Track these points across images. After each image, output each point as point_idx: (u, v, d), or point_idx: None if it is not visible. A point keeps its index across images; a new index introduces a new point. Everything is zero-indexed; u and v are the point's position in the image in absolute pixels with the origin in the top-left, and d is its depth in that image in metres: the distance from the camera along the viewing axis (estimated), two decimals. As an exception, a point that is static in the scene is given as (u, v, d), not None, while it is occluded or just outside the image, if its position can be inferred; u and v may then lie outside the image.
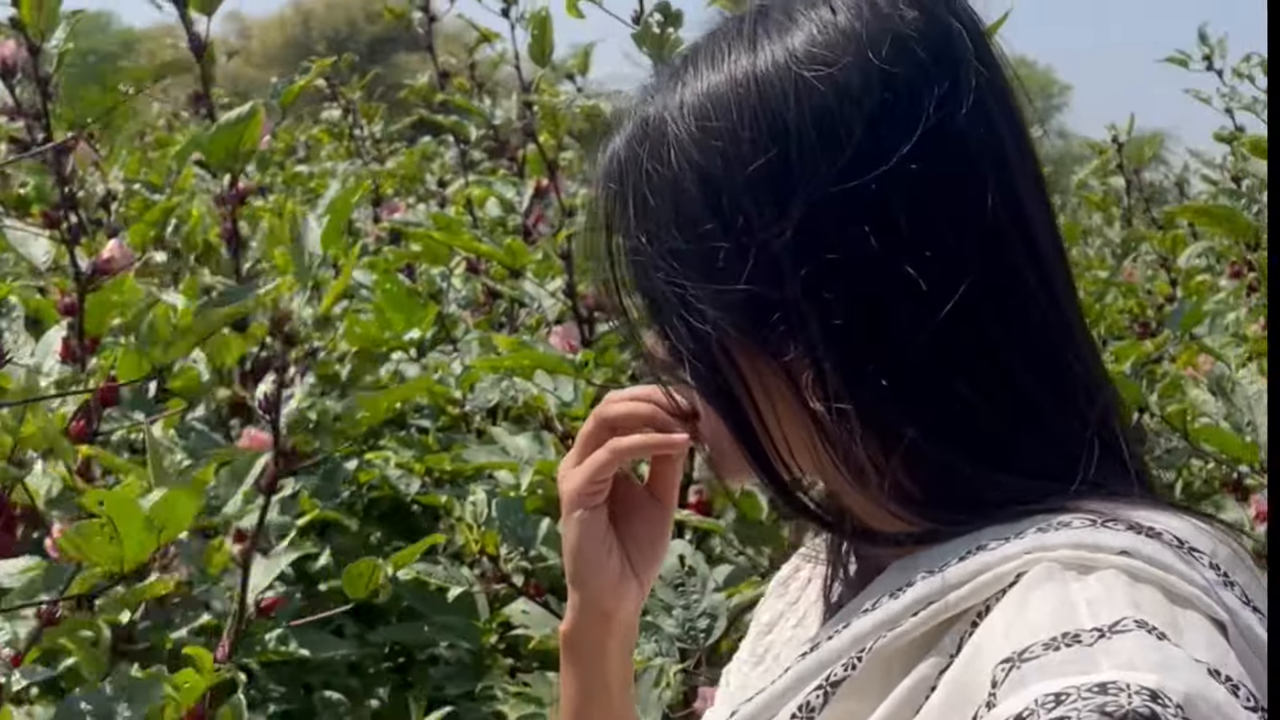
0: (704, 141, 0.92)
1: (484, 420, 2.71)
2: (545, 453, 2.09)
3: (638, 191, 0.95)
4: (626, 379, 2.36)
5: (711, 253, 0.91)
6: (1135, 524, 0.86)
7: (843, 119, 0.89)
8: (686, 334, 0.94)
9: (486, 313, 2.94)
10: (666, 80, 0.97)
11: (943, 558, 0.89)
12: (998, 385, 0.91)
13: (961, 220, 0.90)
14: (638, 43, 2.06)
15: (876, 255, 0.88)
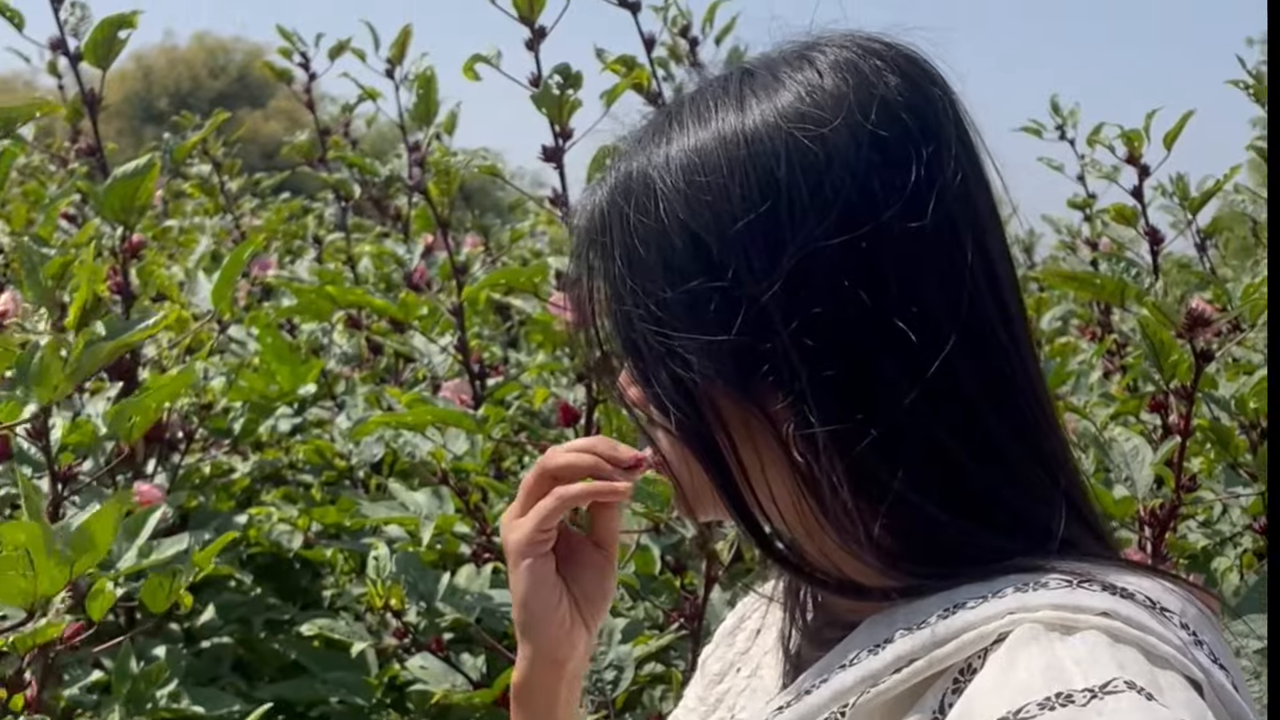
0: (693, 196, 0.95)
1: (369, 475, 2.72)
2: (444, 507, 2.11)
3: (623, 242, 0.98)
4: (527, 436, 2.39)
5: (698, 303, 0.94)
6: (1110, 585, 0.89)
7: (833, 177, 0.93)
8: (670, 383, 0.96)
9: (370, 368, 2.95)
10: (650, 135, 1.00)
11: (921, 614, 0.91)
12: (978, 441, 0.95)
13: (945, 279, 0.94)
14: (537, 105, 2.09)
15: (866, 310, 0.92)
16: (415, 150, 2.75)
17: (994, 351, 0.96)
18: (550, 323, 2.31)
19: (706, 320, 0.94)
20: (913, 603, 0.93)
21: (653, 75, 2.55)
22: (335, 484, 2.77)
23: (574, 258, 1.04)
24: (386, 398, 2.62)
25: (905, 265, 0.93)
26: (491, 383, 2.55)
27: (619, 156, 1.02)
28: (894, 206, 0.92)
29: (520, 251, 3.92)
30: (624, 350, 1.00)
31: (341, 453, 2.64)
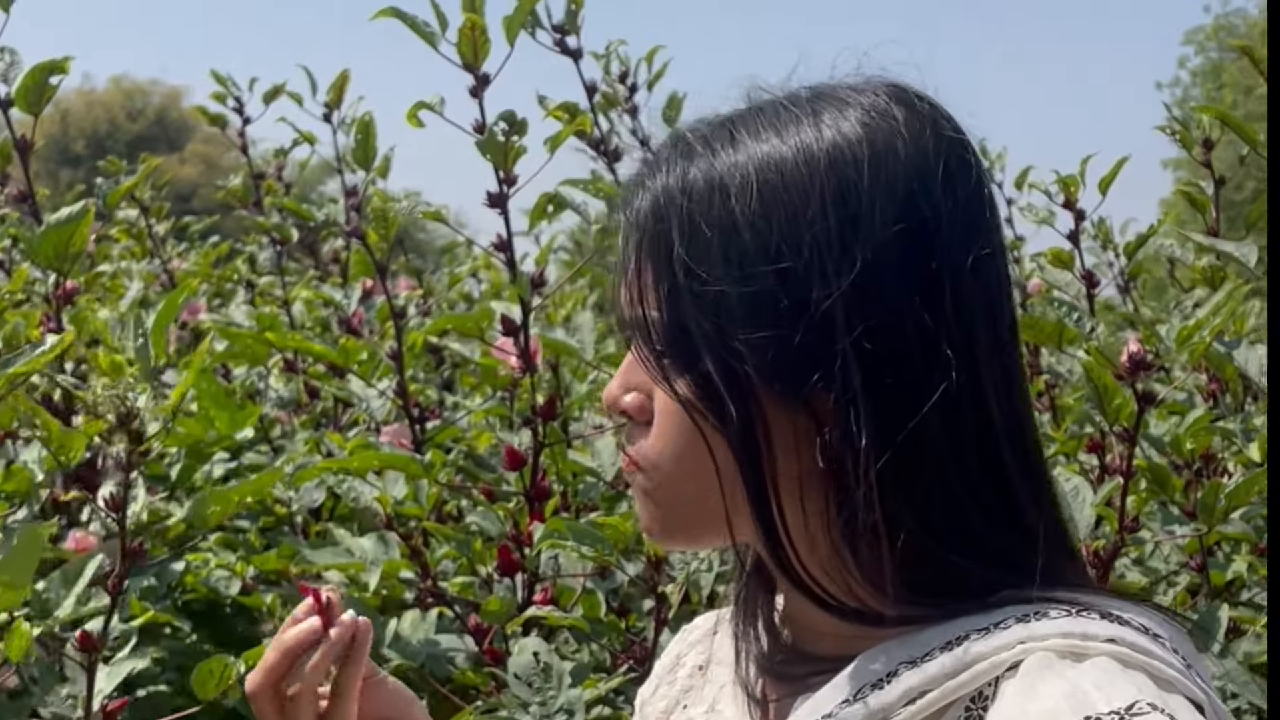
0: (768, 198, 0.97)
1: (308, 520, 2.70)
2: (389, 552, 2.10)
3: (684, 236, 0.99)
4: (466, 480, 2.38)
5: (761, 301, 0.96)
6: (1107, 613, 0.92)
7: (910, 194, 0.97)
8: (721, 375, 0.98)
9: (308, 412, 2.94)
10: (714, 142, 1.02)
11: (922, 647, 0.94)
12: (996, 475, 0.98)
13: (990, 317, 0.99)
14: (481, 151, 2.10)
15: (925, 329, 0.95)
16: (352, 195, 2.75)
17: (1016, 392, 1.01)
18: (495, 367, 2.31)
19: (768, 318, 0.96)
20: (909, 636, 0.95)
21: (594, 122, 2.57)
22: (273, 529, 2.75)
23: (623, 248, 1.05)
24: (326, 443, 2.61)
25: (962, 295, 0.97)
26: (431, 426, 2.54)
27: (671, 161, 1.03)
28: (960, 233, 0.98)
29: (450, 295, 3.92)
30: (673, 340, 1.00)
31: (280, 498, 2.62)
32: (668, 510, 1.05)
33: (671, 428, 1.02)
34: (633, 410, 1.06)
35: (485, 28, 2.10)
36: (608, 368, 2.44)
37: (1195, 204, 2.70)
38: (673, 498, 1.04)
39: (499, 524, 2.08)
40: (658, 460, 1.04)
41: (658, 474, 1.04)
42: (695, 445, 1.01)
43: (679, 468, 1.03)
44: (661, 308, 1.00)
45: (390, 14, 2.12)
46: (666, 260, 1.00)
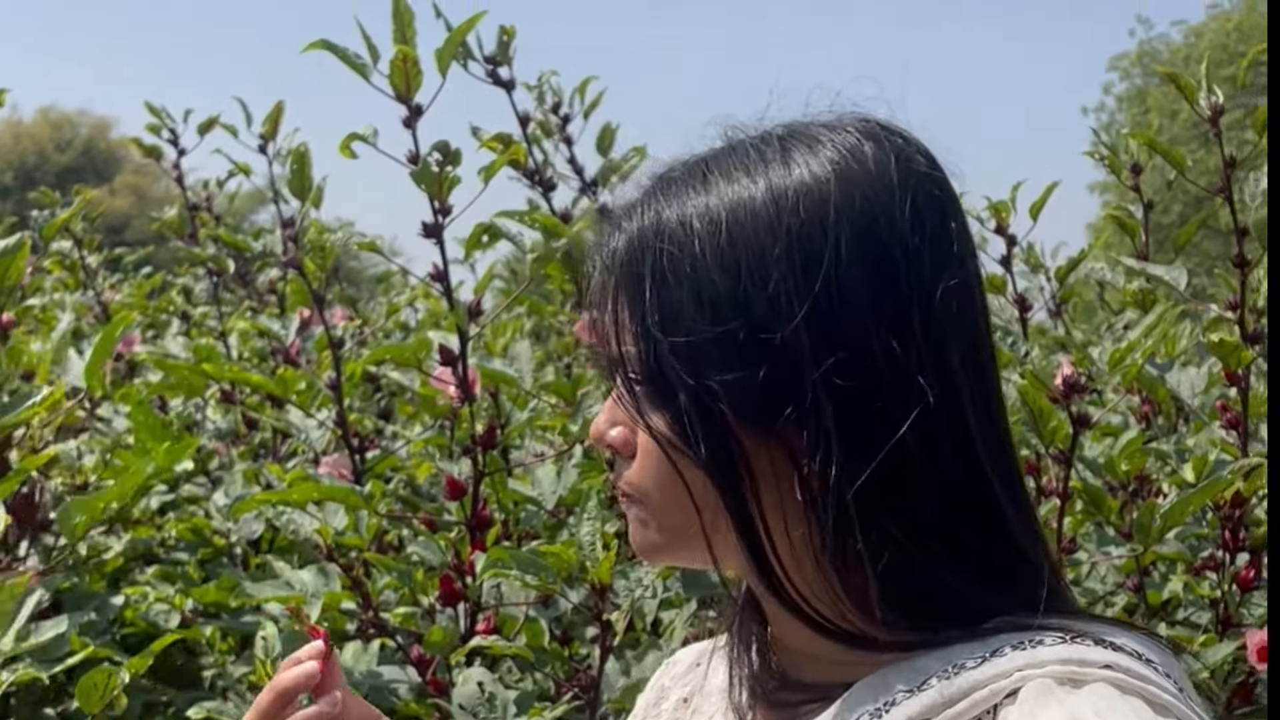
0: (738, 238, 0.99)
1: (247, 552, 2.69)
2: (330, 584, 2.09)
3: (655, 277, 1.01)
4: (404, 509, 2.38)
5: (730, 340, 0.98)
6: (1100, 639, 0.94)
7: (877, 230, 0.99)
8: (696, 413, 1.00)
9: (246, 443, 2.92)
10: (686, 184, 1.04)
11: (919, 674, 0.95)
12: (983, 497, 1.00)
13: (964, 342, 1.01)
14: (416, 182, 2.10)
15: (895, 359, 0.97)
16: (288, 225, 2.74)
17: (995, 414, 1.03)
18: (434, 397, 2.31)
19: (739, 358, 0.98)
20: (905, 663, 0.97)
21: (528, 152, 2.58)
22: (212, 561, 2.74)
23: (599, 287, 1.07)
24: (266, 474, 2.60)
25: (933, 323, 0.99)
26: (370, 456, 2.54)
27: (646, 202, 1.06)
28: (928, 265, 0.99)
29: (386, 325, 3.91)
30: (649, 378, 1.03)
31: (219, 530, 2.60)
32: (660, 536, 1.07)
33: (652, 461, 1.05)
34: (618, 444, 1.09)
35: (417, 59, 2.11)
36: (547, 396, 2.45)
37: (1125, 228, 2.74)
38: (662, 526, 1.07)
39: (440, 554, 2.07)
40: (644, 491, 1.06)
41: (648, 504, 1.07)
42: (675, 477, 1.03)
43: (663, 498, 1.05)
44: (637, 346, 1.02)
45: (321, 46, 2.12)
46: (640, 301, 1.02)
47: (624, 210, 1.08)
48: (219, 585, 2.51)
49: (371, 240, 2.16)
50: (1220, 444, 2.21)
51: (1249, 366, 2.22)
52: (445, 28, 2.17)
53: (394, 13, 2.08)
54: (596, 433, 1.11)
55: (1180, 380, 2.35)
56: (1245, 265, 2.28)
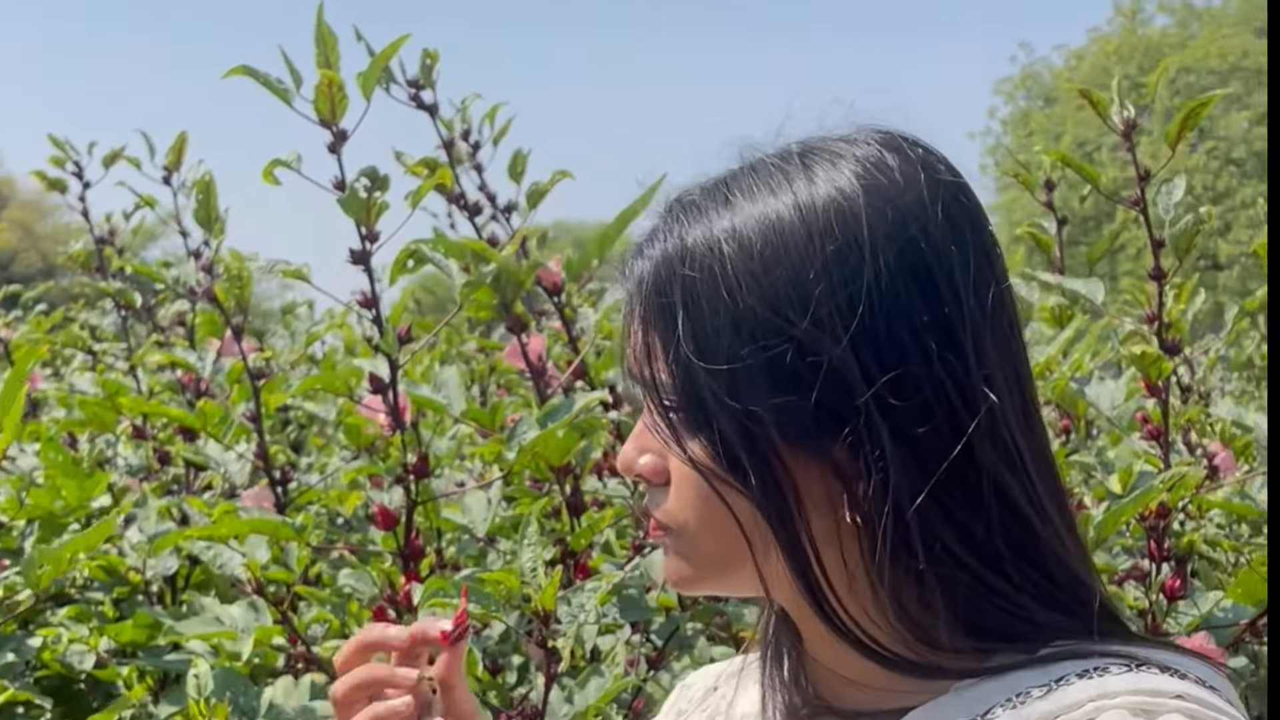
0: (770, 259, 0.97)
1: (164, 589, 2.64)
2: (261, 619, 2.06)
3: (686, 303, 0.99)
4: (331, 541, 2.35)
5: (775, 365, 0.96)
6: (1166, 666, 0.93)
7: (913, 241, 0.97)
8: (738, 436, 0.97)
9: (159, 479, 2.87)
10: (708, 207, 1.02)
11: (982, 704, 0.94)
12: (1038, 512, 0.98)
13: (1004, 351, 1.00)
14: (344, 209, 2.07)
15: (950, 371, 0.96)
16: (198, 256, 2.70)
17: (1038, 425, 1.02)
18: (362, 426, 2.28)
19: (783, 382, 0.96)
20: (965, 691, 0.95)
21: (455, 177, 2.56)
22: (127, 600, 2.68)
23: (626, 315, 1.05)
24: (185, 508, 2.55)
25: (978, 333, 0.98)
26: (292, 488, 2.50)
27: (668, 227, 1.04)
28: (968, 274, 0.98)
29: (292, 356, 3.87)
30: (685, 405, 1.00)
31: (135, 566, 2.55)
32: (698, 567, 1.05)
33: (689, 489, 1.02)
34: (648, 473, 1.06)
35: (342, 83, 2.08)
36: (470, 424, 2.42)
37: (1040, 244, 2.76)
38: (701, 556, 1.04)
39: (373, 585, 2.04)
40: (681, 521, 1.04)
41: (685, 534, 1.04)
42: (716, 505, 1.01)
43: (702, 527, 1.03)
44: (671, 374, 1.01)
45: (242, 72, 2.08)
46: (672, 329, 1.00)
47: (646, 237, 1.06)
48: (136, 623, 2.46)
49: (297, 268, 2.12)
50: (1143, 455, 2.24)
51: (1168, 378, 2.24)
52: (368, 52, 2.14)
53: (317, 37, 2.05)
54: (626, 462, 1.08)
55: (1099, 393, 2.37)
56: (1161, 278, 2.30)
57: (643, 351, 1.03)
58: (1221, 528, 2.49)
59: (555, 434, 1.94)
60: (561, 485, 2.11)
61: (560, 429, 1.94)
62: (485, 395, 3.17)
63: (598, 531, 2.12)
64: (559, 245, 3.50)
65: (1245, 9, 32.14)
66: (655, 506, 1.06)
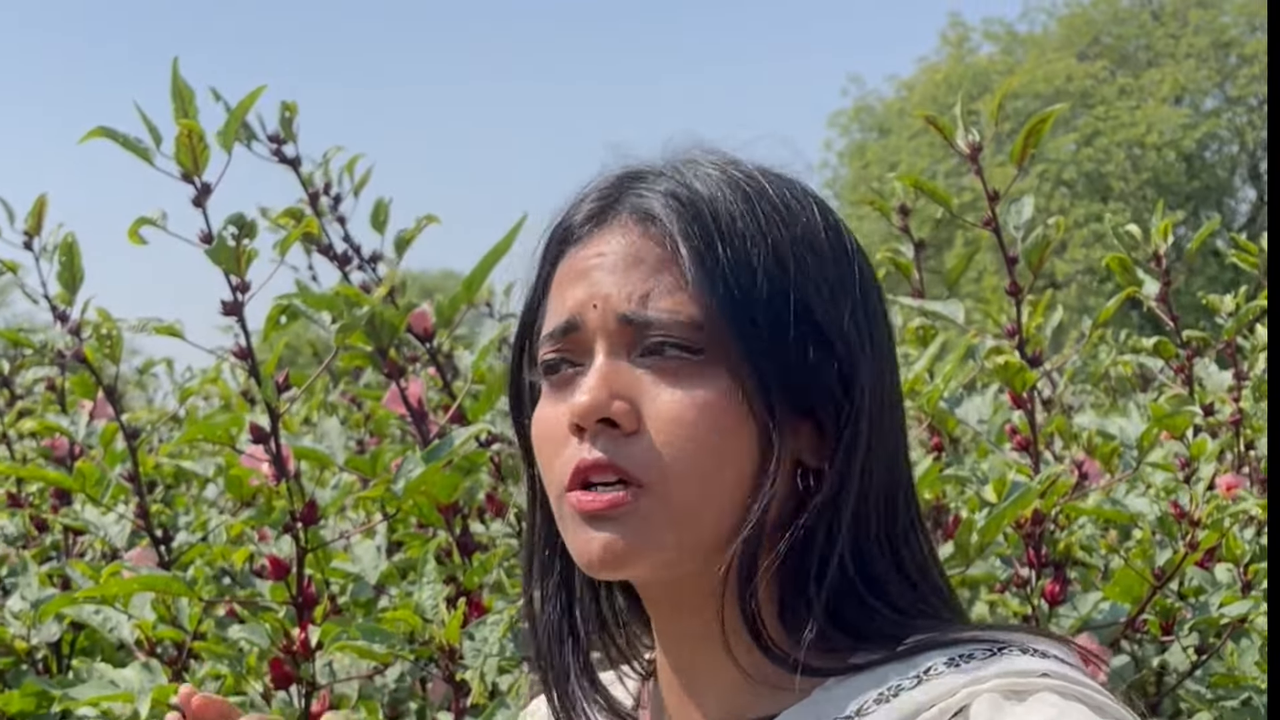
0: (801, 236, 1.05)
1: (49, 657, 2.61)
2: (156, 679, 2.04)
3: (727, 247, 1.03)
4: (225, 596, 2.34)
5: (808, 328, 1.01)
6: (1025, 647, 0.97)
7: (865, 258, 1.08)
8: (756, 389, 1.00)
9: (38, 545, 2.83)
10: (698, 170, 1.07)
11: (854, 700, 0.96)
12: (916, 516, 1.05)
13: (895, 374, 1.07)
14: (213, 259, 2.07)
15: (896, 390, 1.06)
16: (64, 320, 2.68)
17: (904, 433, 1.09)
18: (244, 477, 2.27)
19: (815, 346, 1.02)
20: (836, 688, 0.98)
21: (322, 226, 2.57)
22: (12, 670, 2.64)
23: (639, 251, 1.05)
24: (70, 572, 2.53)
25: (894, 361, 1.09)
26: (175, 546, 2.49)
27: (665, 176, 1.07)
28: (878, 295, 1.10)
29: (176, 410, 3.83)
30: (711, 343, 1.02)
31: (19, 635, 2.52)
32: (661, 530, 1.01)
33: (684, 430, 1.00)
34: (621, 416, 1.02)
35: (203, 134, 2.08)
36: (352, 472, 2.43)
37: (899, 268, 2.83)
38: (672, 513, 1.01)
39: (267, 636, 2.04)
40: (663, 467, 1.01)
41: (663, 485, 1.01)
42: (708, 451, 1.00)
43: (688, 473, 1.00)
44: (701, 308, 1.01)
45: (100, 134, 2.07)
46: (706, 264, 1.02)
47: (639, 181, 1.08)
48: (23, 692, 2.43)
49: (169, 325, 2.12)
50: (1014, 466, 2.31)
51: (1032, 389, 2.32)
52: (225, 109, 2.15)
53: (173, 93, 2.04)
54: (597, 402, 1.02)
55: (967, 410, 2.45)
56: (1019, 292, 2.38)
57: (652, 287, 1.02)
58: (1092, 534, 2.57)
59: (440, 470, 1.96)
60: (450, 525, 2.13)
61: (443, 464, 1.95)
62: (362, 445, 3.17)
63: (489, 570, 2.13)
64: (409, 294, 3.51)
65: (1066, 34, 32.98)
66: (626, 458, 1.02)
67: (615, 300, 1.03)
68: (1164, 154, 30.13)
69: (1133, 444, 2.25)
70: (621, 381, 1.03)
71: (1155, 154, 30.09)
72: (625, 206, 1.06)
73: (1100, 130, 30.17)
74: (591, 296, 1.04)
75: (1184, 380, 2.56)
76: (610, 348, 1.03)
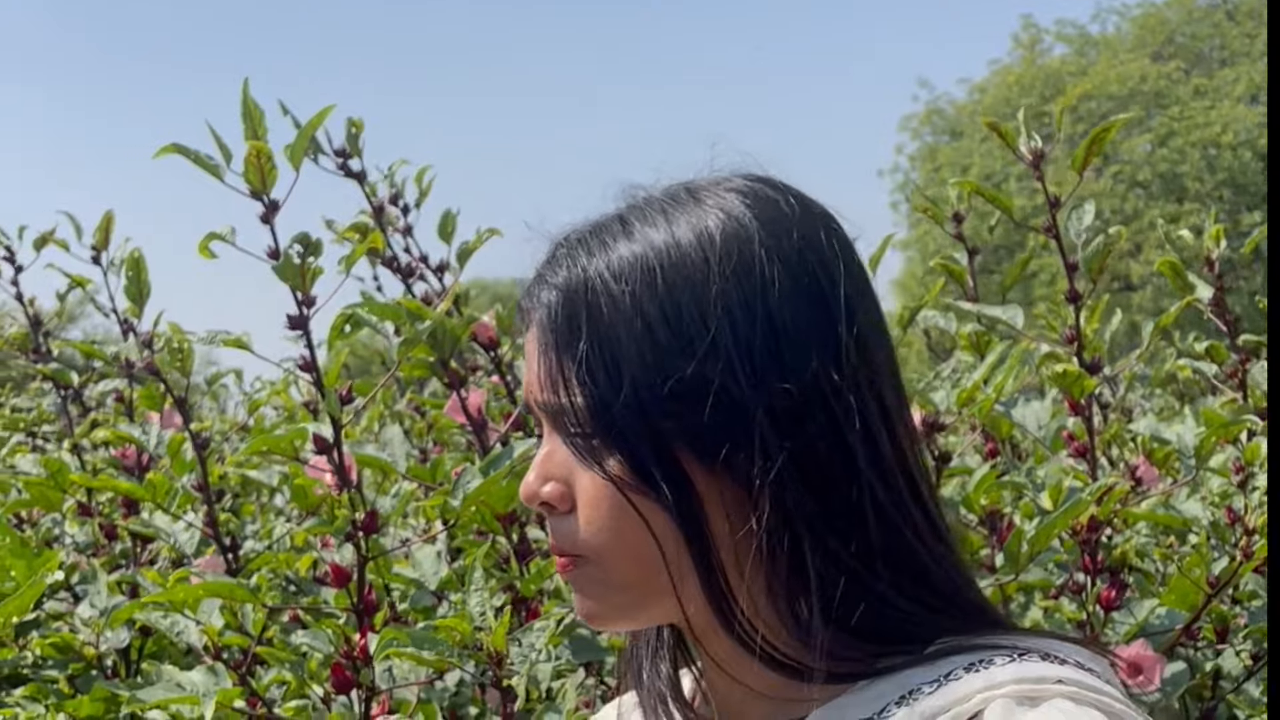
0: (672, 280, 1.03)
1: (118, 662, 2.66)
2: (221, 682, 2.09)
3: (593, 329, 1.03)
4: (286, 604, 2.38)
5: (678, 382, 1.01)
6: (1047, 654, 0.98)
7: (808, 261, 1.04)
8: (652, 456, 1.02)
9: (107, 554, 2.89)
10: (603, 238, 1.07)
11: (876, 703, 0.98)
12: (920, 517, 1.04)
13: (888, 357, 1.07)
14: (280, 276, 2.12)
15: (835, 388, 1.01)
16: (130, 330, 2.74)
17: (915, 433, 1.09)
18: (309, 487, 2.32)
19: (687, 399, 1.01)
20: (857, 693, 1.00)
21: (386, 240, 2.62)
22: (82, 676, 2.70)
23: (534, 343, 1.09)
24: (140, 579, 2.58)
25: (866, 349, 1.05)
26: (242, 555, 2.54)
27: (571, 256, 1.08)
28: (850, 290, 1.04)
29: (222, 427, 3.89)
30: (598, 425, 1.04)
31: (89, 642, 2.58)
32: (613, 593, 1.07)
33: (600, 510, 1.05)
34: (554, 499, 1.08)
35: (270, 153, 2.13)
36: (416, 481, 2.47)
37: (953, 274, 2.84)
38: (614, 582, 1.07)
39: (330, 643, 2.08)
40: (594, 546, 1.06)
41: (598, 560, 1.07)
42: (631, 524, 1.04)
43: (617, 550, 1.05)
44: (585, 394, 1.04)
45: (173, 150, 2.13)
46: (582, 352, 1.04)
47: (545, 267, 1.10)
48: (93, 697, 2.48)
49: (237, 337, 2.17)
50: (1071, 472, 2.32)
51: (1090, 395, 2.33)
52: (294, 125, 2.19)
53: (244, 113, 2.10)
54: (529, 491, 1.10)
55: (1025, 415, 2.45)
56: (1078, 299, 2.39)
57: (554, 377, 1.06)
58: (1149, 539, 2.57)
59: (499, 481, 1.99)
60: (508, 533, 2.16)
61: (503, 476, 1.99)
62: (425, 453, 3.22)
63: (546, 577, 2.17)
64: (479, 304, 3.55)
65: (1140, 35, 32.75)
66: (562, 537, 1.09)
67: (531, 387, 1.10)
68: (1240, 154, 29.83)
69: (1189, 450, 2.25)
70: (555, 463, 1.09)
71: (1231, 154, 29.80)
72: (535, 295, 1.10)
73: (1175, 131, 29.93)
74: (525, 381, 1.12)
75: (1238, 384, 2.56)
76: (549, 428, 1.10)
